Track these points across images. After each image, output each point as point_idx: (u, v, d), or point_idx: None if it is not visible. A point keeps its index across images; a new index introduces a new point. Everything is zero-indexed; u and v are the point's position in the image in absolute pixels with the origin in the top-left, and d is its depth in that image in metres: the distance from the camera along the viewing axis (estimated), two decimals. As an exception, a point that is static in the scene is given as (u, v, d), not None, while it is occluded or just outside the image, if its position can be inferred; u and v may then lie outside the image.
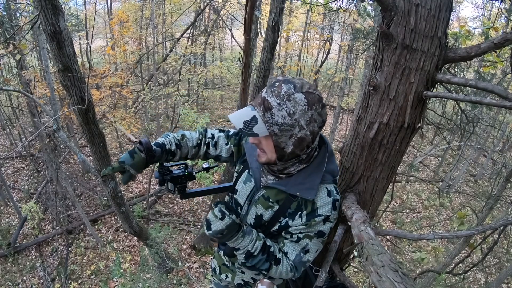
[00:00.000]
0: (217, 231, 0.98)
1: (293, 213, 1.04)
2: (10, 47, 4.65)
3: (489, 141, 12.44)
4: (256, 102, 0.94)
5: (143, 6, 11.83)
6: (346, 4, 5.14)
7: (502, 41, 0.97)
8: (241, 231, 1.01)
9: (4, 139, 11.06)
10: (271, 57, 3.63)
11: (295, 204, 1.03)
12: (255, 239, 1.02)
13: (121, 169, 1.05)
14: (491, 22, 3.61)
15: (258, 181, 1.09)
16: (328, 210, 1.01)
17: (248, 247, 1.01)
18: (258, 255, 1.01)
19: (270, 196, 1.06)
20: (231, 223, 0.98)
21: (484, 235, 2.09)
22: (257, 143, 0.98)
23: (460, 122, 2.22)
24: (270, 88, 0.92)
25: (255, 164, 1.10)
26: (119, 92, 8.55)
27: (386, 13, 1.10)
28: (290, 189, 1.01)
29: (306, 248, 1.05)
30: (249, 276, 1.27)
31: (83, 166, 8.99)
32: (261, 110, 0.92)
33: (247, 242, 1.01)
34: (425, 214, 9.08)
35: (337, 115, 9.18)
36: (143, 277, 5.45)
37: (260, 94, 0.95)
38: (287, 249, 1.06)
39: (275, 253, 1.04)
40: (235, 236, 1.00)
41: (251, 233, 1.03)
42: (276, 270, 1.04)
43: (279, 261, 1.04)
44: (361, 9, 6.34)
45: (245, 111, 0.94)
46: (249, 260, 1.03)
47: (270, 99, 0.90)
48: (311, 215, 1.01)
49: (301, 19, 14.25)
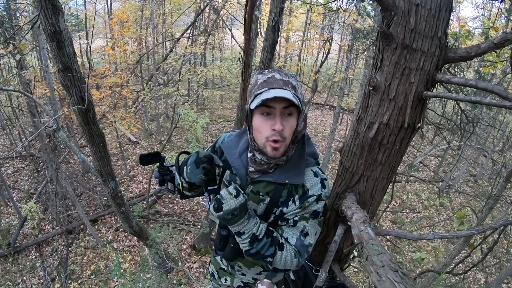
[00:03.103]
0: (230, 210, 0.97)
1: (285, 201, 1.05)
2: (10, 47, 4.66)
3: (489, 141, 12.44)
4: (279, 84, 0.94)
5: (143, 6, 11.83)
6: (346, 4, 5.14)
7: (502, 41, 0.97)
8: (247, 213, 1.01)
9: (4, 139, 11.06)
10: (271, 57, 3.63)
11: (286, 192, 1.05)
12: (259, 222, 1.03)
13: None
14: (491, 22, 3.61)
15: (244, 177, 1.09)
16: (318, 189, 1.04)
17: (253, 230, 1.00)
18: (263, 238, 1.01)
19: (260, 190, 1.07)
20: (244, 203, 0.99)
21: (484, 235, 2.09)
22: (282, 129, 0.95)
23: (460, 122, 2.22)
24: (279, 73, 0.97)
25: (236, 162, 1.09)
26: (119, 92, 8.55)
27: (386, 13, 1.10)
28: (278, 179, 1.03)
29: (304, 230, 1.06)
30: (251, 276, 1.27)
31: (83, 166, 8.99)
32: (291, 89, 0.95)
33: (252, 225, 1.01)
34: (425, 214, 9.07)
35: (337, 115, 9.16)
36: (143, 277, 5.44)
37: (274, 77, 0.96)
38: (287, 235, 1.06)
39: (278, 238, 1.05)
40: (243, 218, 1.00)
41: (255, 216, 1.04)
42: (281, 257, 1.03)
43: (283, 246, 1.04)
44: (361, 9, 6.34)
45: (282, 91, 0.92)
46: (254, 245, 1.01)
47: (290, 79, 0.96)
48: (304, 197, 1.04)
49: (301, 19, 14.26)
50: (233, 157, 1.10)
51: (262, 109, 0.96)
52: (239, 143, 1.12)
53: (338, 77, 10.57)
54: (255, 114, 0.99)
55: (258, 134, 1.00)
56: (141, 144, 11.03)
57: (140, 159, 1.31)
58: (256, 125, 0.99)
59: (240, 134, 1.16)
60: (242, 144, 1.12)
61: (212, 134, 11.85)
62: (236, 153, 1.10)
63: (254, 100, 0.95)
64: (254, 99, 0.96)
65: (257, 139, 1.02)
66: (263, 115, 0.97)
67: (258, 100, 0.92)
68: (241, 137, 1.14)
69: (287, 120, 0.96)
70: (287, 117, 0.97)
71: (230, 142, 1.14)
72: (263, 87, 0.95)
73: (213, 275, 1.40)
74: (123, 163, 9.43)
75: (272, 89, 0.93)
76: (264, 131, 0.97)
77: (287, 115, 0.97)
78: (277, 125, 0.94)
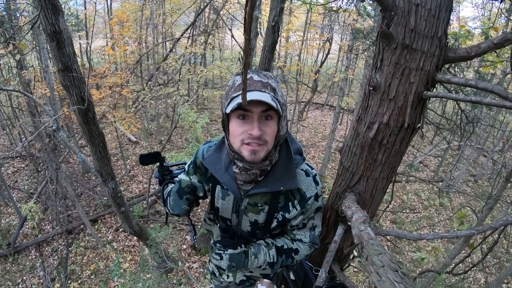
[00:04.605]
0: (227, 267, 1.03)
1: (284, 205, 1.06)
2: (10, 47, 4.66)
3: (489, 141, 12.43)
4: (257, 86, 0.89)
5: (143, 6, 11.82)
6: (346, 4, 5.14)
7: (502, 41, 0.97)
8: (251, 254, 1.07)
9: (4, 139, 11.06)
10: (271, 57, 3.63)
11: (283, 198, 1.06)
12: (267, 250, 1.09)
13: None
14: (491, 22, 3.61)
15: (237, 191, 1.04)
16: (314, 189, 1.06)
17: (267, 260, 1.08)
18: (278, 260, 1.10)
19: (257, 201, 1.06)
20: (231, 256, 1.03)
21: (484, 235, 2.09)
22: (261, 134, 0.90)
23: (460, 122, 2.22)
24: (257, 74, 0.91)
25: (225, 177, 1.04)
26: (119, 92, 8.54)
27: (386, 13, 1.10)
28: (273, 188, 1.01)
29: (313, 226, 1.15)
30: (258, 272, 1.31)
31: (83, 166, 8.99)
32: (270, 91, 0.89)
33: (262, 259, 1.08)
34: (425, 214, 9.07)
35: (337, 115, 9.16)
36: (143, 277, 5.44)
37: (252, 79, 0.90)
38: (300, 236, 1.14)
39: (289, 246, 1.13)
40: (249, 261, 1.06)
41: (260, 248, 1.09)
42: (299, 256, 1.14)
43: (297, 250, 1.13)
44: (361, 9, 6.34)
45: (260, 94, 0.86)
46: (274, 266, 1.11)
47: (269, 80, 0.91)
48: (303, 201, 1.05)
49: (301, 19, 14.25)
50: (219, 172, 1.04)
51: (238, 113, 0.90)
52: (222, 157, 1.06)
53: (338, 77, 10.57)
54: (231, 118, 0.93)
55: (233, 138, 0.94)
56: (141, 144, 11.03)
57: (140, 159, 1.31)
58: (232, 129, 0.93)
59: (219, 146, 1.09)
60: (225, 157, 1.05)
61: (212, 134, 11.85)
62: (221, 168, 1.04)
63: (230, 104, 0.88)
64: (230, 102, 0.89)
65: (233, 144, 0.96)
66: (239, 118, 0.91)
67: (234, 103, 0.86)
68: (221, 149, 1.08)
69: (266, 124, 0.91)
70: (266, 121, 0.91)
71: (212, 157, 1.07)
72: (240, 89, 0.88)
73: (213, 273, 1.40)
74: (123, 163, 9.42)
75: (250, 92, 0.87)
76: (240, 134, 0.91)
77: (266, 119, 0.91)
78: (255, 130, 0.88)
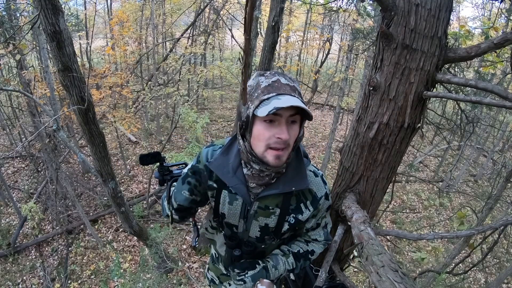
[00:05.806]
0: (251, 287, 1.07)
1: (296, 207, 1.06)
2: (10, 47, 4.65)
3: (489, 141, 12.43)
4: (286, 89, 0.88)
5: (143, 6, 11.82)
6: (346, 4, 5.14)
7: (502, 41, 0.97)
8: (270, 267, 1.10)
9: (4, 139, 11.06)
10: (271, 57, 3.63)
11: (294, 199, 1.05)
12: (285, 259, 1.12)
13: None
14: (491, 22, 3.61)
15: (247, 195, 1.02)
16: (323, 188, 1.08)
17: (287, 268, 1.12)
18: (297, 264, 1.16)
19: (268, 204, 1.04)
20: (254, 277, 1.07)
21: (484, 235, 2.09)
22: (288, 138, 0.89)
23: (460, 122, 2.22)
24: (284, 77, 0.92)
25: (233, 181, 1.01)
26: (119, 92, 8.54)
27: (386, 13, 1.10)
28: (284, 189, 1.00)
29: (326, 224, 1.19)
30: None
31: (83, 166, 8.99)
32: (298, 95, 0.91)
33: (283, 268, 1.11)
34: (425, 214, 9.07)
35: (337, 115, 9.16)
36: (143, 277, 5.44)
37: (280, 82, 0.90)
38: (315, 236, 1.17)
39: (305, 249, 1.16)
40: (270, 273, 1.09)
41: (278, 258, 1.12)
42: (315, 255, 1.19)
43: (313, 251, 1.17)
44: (361, 9, 6.34)
45: (292, 98, 0.86)
46: (295, 271, 1.16)
47: (295, 84, 0.93)
48: (315, 201, 1.07)
49: (301, 19, 14.26)
50: (227, 176, 1.01)
51: (268, 116, 0.86)
52: (229, 160, 1.03)
53: (338, 77, 10.56)
54: (256, 121, 0.91)
55: (257, 142, 0.92)
56: (141, 144, 11.03)
57: (140, 159, 1.31)
58: (257, 133, 0.91)
59: (226, 149, 1.05)
60: (233, 160, 1.02)
61: (212, 134, 11.85)
62: (229, 171, 1.01)
63: (263, 107, 0.85)
64: (260, 104, 0.87)
65: (256, 147, 0.93)
66: (267, 122, 0.89)
67: (269, 107, 0.83)
68: (228, 152, 1.04)
69: (291, 128, 0.91)
70: (292, 124, 0.91)
71: (219, 160, 1.03)
72: (269, 92, 0.87)
73: (213, 281, 1.38)
74: (123, 163, 9.42)
75: (281, 95, 0.86)
76: (267, 139, 0.90)
77: (291, 123, 0.91)
78: (284, 134, 0.88)
